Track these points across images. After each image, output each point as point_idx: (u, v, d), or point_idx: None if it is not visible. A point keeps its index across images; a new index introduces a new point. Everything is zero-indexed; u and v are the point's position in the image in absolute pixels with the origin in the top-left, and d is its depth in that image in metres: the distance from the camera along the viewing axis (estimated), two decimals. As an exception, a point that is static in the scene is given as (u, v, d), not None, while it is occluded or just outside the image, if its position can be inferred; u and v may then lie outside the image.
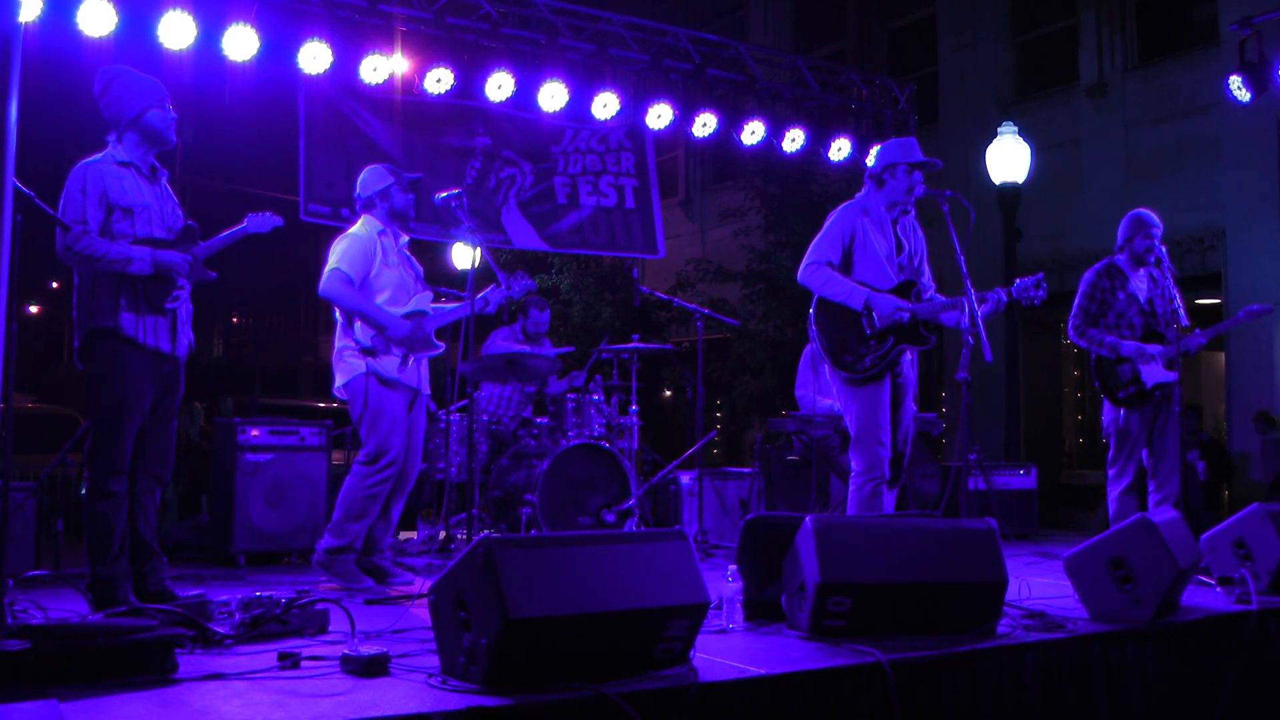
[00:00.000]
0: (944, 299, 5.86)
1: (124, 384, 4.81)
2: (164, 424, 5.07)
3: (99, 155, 4.99)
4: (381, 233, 6.18)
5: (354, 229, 6.22)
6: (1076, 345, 7.20)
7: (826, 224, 6.00)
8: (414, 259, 6.40)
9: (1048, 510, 11.48)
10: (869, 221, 5.94)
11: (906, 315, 5.76)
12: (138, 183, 4.99)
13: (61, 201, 4.82)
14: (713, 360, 15.81)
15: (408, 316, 6.07)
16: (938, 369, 15.14)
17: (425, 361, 6.22)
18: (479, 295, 6.36)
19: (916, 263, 6.08)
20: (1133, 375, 6.88)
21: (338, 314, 6.11)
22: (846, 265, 5.92)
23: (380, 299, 6.06)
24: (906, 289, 5.89)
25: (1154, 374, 6.85)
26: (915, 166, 5.93)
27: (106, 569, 4.83)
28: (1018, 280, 5.73)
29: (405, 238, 6.36)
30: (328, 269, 6.02)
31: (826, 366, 5.96)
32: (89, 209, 4.79)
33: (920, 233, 6.17)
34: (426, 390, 6.25)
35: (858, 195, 6.09)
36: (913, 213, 6.12)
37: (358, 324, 6.00)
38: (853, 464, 5.85)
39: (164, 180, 5.16)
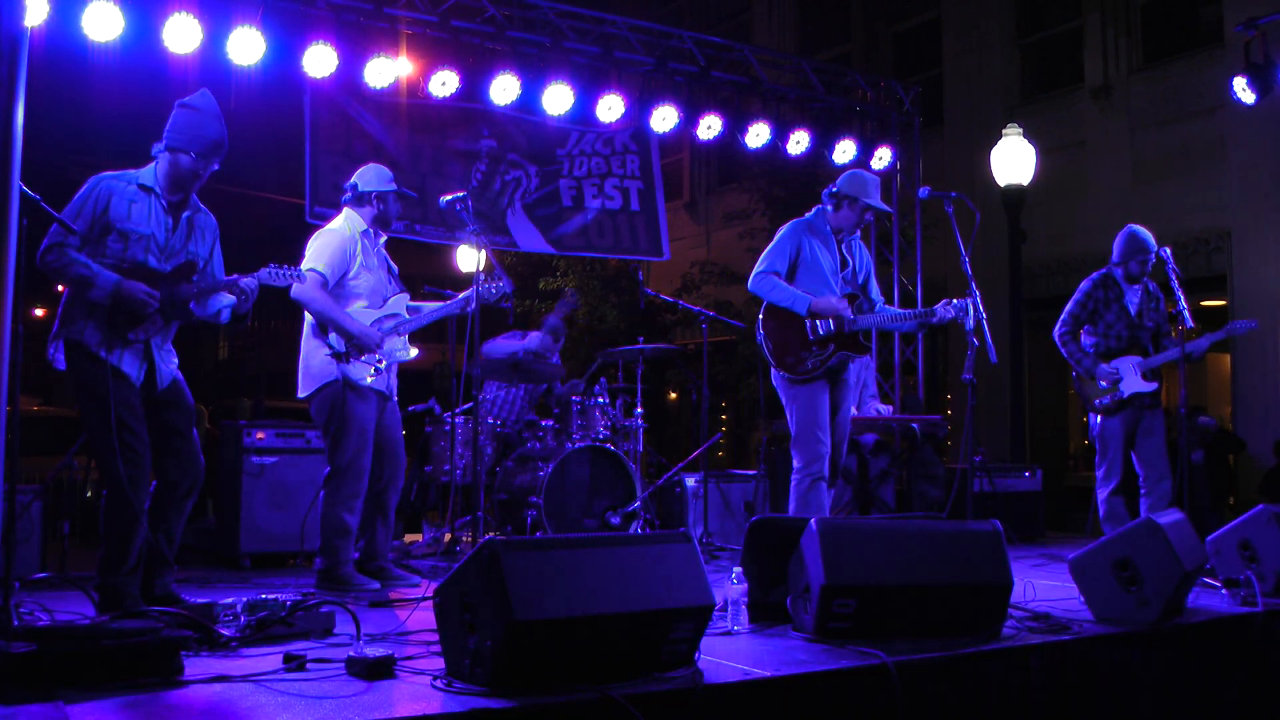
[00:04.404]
0: (887, 311, 6.31)
1: (99, 394, 4.74)
2: (175, 435, 5.00)
3: (128, 171, 4.97)
4: (365, 233, 6.08)
5: (335, 224, 6.10)
6: (1058, 350, 7.45)
7: (776, 237, 6.37)
8: (390, 258, 6.30)
9: (1053, 512, 11.48)
10: (816, 238, 6.33)
11: (847, 313, 6.13)
12: (149, 209, 4.94)
13: (67, 206, 4.81)
14: (718, 363, 15.82)
15: (380, 321, 6.00)
16: (943, 371, 15.13)
17: (395, 365, 6.14)
18: (460, 297, 6.33)
19: (861, 279, 6.44)
20: (1110, 385, 7.16)
21: (308, 316, 5.98)
22: (791, 277, 6.29)
23: (357, 305, 5.96)
24: (850, 302, 6.25)
25: (1131, 384, 7.13)
26: (869, 208, 6.33)
27: (119, 579, 4.82)
28: (957, 300, 5.95)
29: (384, 237, 6.25)
30: (301, 269, 5.74)
31: (771, 369, 6.30)
32: (77, 223, 4.73)
33: (866, 250, 6.57)
34: (395, 396, 6.18)
35: (808, 213, 6.43)
36: (858, 233, 6.49)
37: (330, 329, 5.89)
38: (794, 460, 6.17)
39: (188, 215, 5.09)
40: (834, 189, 6.31)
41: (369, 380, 5.90)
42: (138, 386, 4.89)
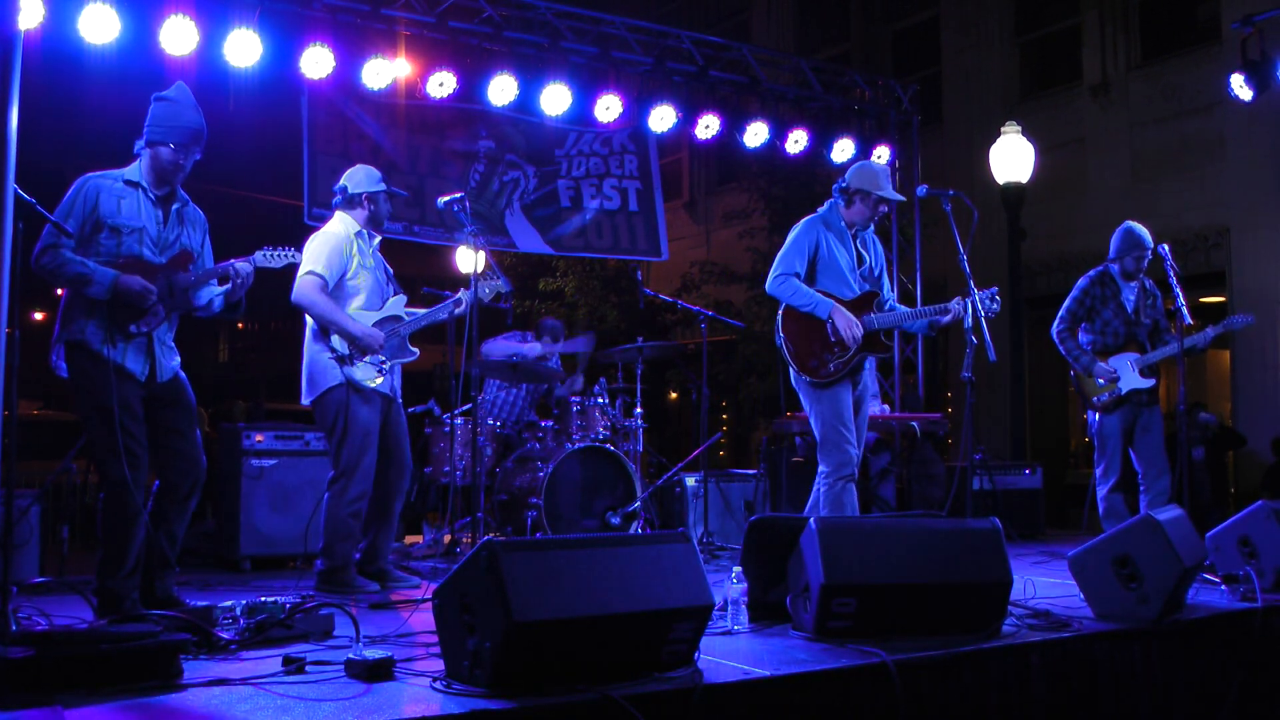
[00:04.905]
0: (904, 309, 6.11)
1: (100, 394, 4.74)
2: (175, 434, 5.01)
3: (113, 170, 4.98)
4: (359, 233, 6.06)
5: (330, 226, 6.08)
6: (1056, 348, 7.41)
7: (790, 236, 6.17)
8: (385, 261, 6.28)
9: (1053, 510, 11.48)
10: (832, 235, 6.13)
11: (859, 338, 5.96)
12: (138, 204, 4.96)
13: (56, 209, 4.82)
14: (718, 362, 15.81)
15: (381, 323, 5.99)
16: (943, 369, 15.13)
17: (398, 366, 6.12)
18: (451, 300, 6.32)
19: (877, 274, 6.27)
20: (1109, 383, 7.15)
21: (309, 320, 5.96)
22: (810, 276, 6.10)
23: (356, 304, 5.95)
24: (869, 300, 6.09)
25: (1129, 381, 7.12)
26: (882, 200, 6.13)
27: (117, 583, 4.81)
28: (978, 293, 5.78)
29: (378, 239, 6.24)
30: (301, 273, 5.83)
31: (791, 371, 6.11)
32: (68, 223, 4.74)
33: (879, 245, 6.39)
34: (399, 396, 6.16)
35: (821, 207, 6.25)
36: (871, 227, 6.30)
37: (332, 332, 5.88)
38: (820, 465, 6.01)
39: (178, 208, 5.10)
40: (844, 184, 6.14)
41: (374, 383, 5.89)
42: (141, 382, 4.90)
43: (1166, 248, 6.95)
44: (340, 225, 6.06)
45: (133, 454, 4.77)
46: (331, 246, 5.92)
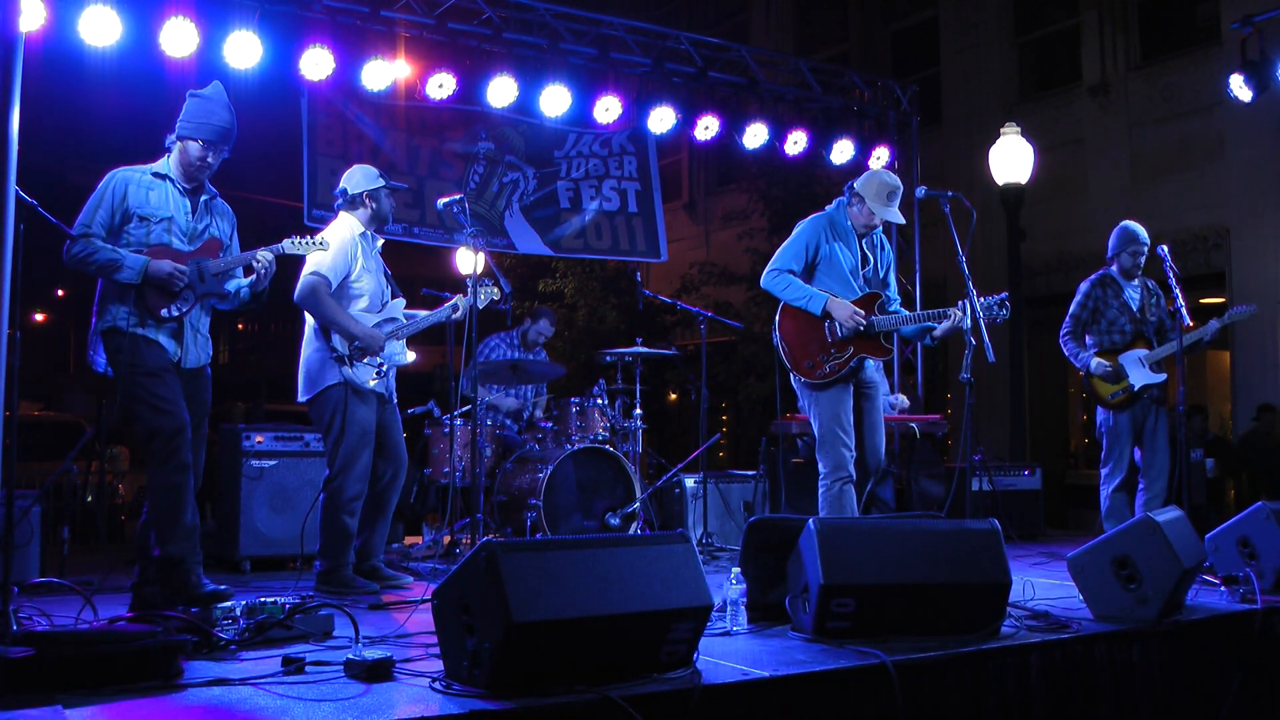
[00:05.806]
0: (905, 313, 6.04)
1: (146, 359, 4.89)
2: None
3: (143, 164, 5.09)
4: (362, 235, 6.08)
5: (334, 228, 6.07)
6: (1058, 349, 7.45)
7: (793, 233, 6.14)
8: (385, 264, 6.29)
9: (1053, 510, 11.48)
10: (836, 235, 6.09)
11: (863, 323, 5.91)
12: (167, 195, 5.07)
13: (87, 201, 4.95)
14: (718, 363, 15.81)
15: (379, 325, 6.00)
16: (942, 370, 15.13)
17: (393, 369, 6.15)
18: (447, 305, 6.34)
19: (882, 275, 6.21)
20: (1113, 379, 7.16)
21: (309, 319, 5.98)
22: (809, 275, 6.07)
23: (359, 305, 5.97)
24: (870, 301, 6.03)
25: (1140, 377, 7.14)
26: (874, 213, 6.06)
27: (177, 546, 4.86)
28: (981, 299, 5.71)
29: (380, 241, 6.26)
30: (305, 273, 5.86)
31: (790, 372, 6.08)
32: (99, 213, 4.90)
33: (888, 247, 6.33)
34: (394, 398, 6.19)
35: (830, 206, 6.21)
36: (879, 228, 6.24)
37: (334, 332, 5.89)
38: (820, 466, 5.98)
39: (205, 200, 5.21)
40: (853, 184, 6.11)
41: (371, 383, 5.91)
42: (173, 361, 5.01)
43: (1166, 249, 6.96)
44: (344, 227, 6.06)
45: (167, 400, 4.91)
46: (336, 249, 5.92)
